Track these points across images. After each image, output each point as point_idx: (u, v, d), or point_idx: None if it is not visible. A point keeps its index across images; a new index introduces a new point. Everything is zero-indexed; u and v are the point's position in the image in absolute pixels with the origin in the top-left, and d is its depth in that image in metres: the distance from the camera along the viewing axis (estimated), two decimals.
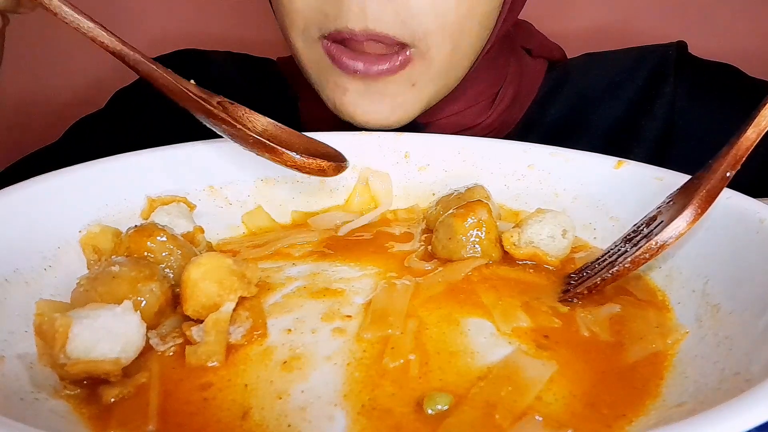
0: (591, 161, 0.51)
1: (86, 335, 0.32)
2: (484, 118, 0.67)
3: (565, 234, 0.44)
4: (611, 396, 0.33)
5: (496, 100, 0.68)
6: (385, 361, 0.35)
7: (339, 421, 0.31)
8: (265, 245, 0.47)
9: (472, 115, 0.67)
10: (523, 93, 0.71)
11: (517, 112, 0.70)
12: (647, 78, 0.70)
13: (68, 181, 0.44)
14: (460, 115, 0.66)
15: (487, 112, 0.67)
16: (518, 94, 0.70)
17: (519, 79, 0.70)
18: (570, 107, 0.71)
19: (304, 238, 0.48)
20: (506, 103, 0.69)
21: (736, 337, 0.35)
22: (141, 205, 0.47)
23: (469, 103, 0.66)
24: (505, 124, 0.70)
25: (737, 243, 0.40)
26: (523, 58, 0.73)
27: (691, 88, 0.68)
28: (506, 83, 0.69)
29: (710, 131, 0.66)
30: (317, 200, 0.54)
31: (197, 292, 0.36)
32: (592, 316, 0.39)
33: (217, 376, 0.34)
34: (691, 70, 0.69)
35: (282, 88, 0.76)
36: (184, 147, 0.51)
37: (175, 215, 0.45)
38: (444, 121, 0.66)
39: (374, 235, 0.49)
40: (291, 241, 0.48)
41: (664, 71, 0.69)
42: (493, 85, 0.68)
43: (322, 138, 0.48)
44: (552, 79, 0.73)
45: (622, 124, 0.69)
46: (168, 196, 0.48)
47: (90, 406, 0.32)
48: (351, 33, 0.50)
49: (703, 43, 0.74)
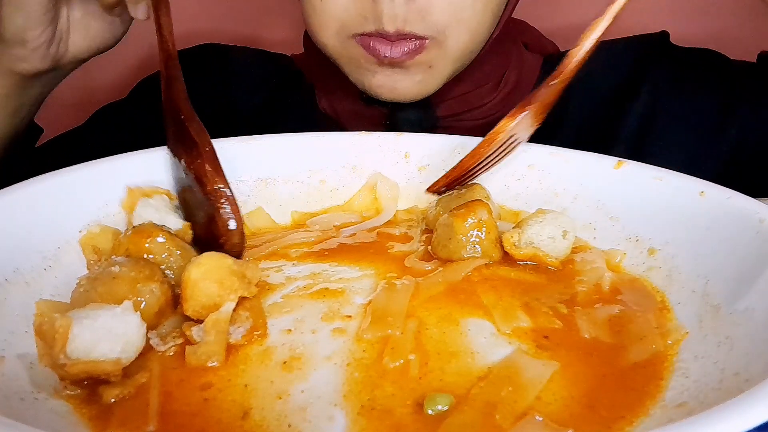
0: (591, 161, 0.51)
1: (86, 335, 0.32)
2: (489, 99, 0.73)
3: (566, 235, 0.44)
4: (610, 398, 0.33)
5: (501, 83, 0.73)
6: (385, 362, 0.34)
7: (339, 422, 0.31)
8: (265, 245, 0.47)
9: (480, 96, 0.73)
10: (523, 81, 0.75)
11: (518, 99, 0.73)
12: (632, 65, 0.74)
13: (68, 181, 0.44)
14: (469, 95, 0.72)
15: (492, 94, 0.73)
16: (519, 81, 0.75)
17: (520, 68, 0.75)
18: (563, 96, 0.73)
19: (304, 239, 0.48)
20: (510, 87, 0.74)
21: (737, 337, 0.35)
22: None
23: (476, 84, 0.72)
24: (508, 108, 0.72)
25: (737, 243, 0.40)
26: (522, 50, 0.78)
27: (673, 74, 0.73)
28: (510, 68, 0.74)
29: (692, 114, 0.70)
30: (317, 200, 0.54)
31: (197, 292, 0.36)
32: (591, 318, 0.39)
33: (217, 377, 0.34)
34: (673, 57, 0.74)
35: (298, 82, 0.80)
36: None
37: (163, 211, 0.44)
38: (454, 100, 0.72)
39: (374, 235, 0.49)
40: (291, 241, 0.48)
41: (647, 58, 0.75)
42: (498, 69, 0.73)
43: (326, 137, 0.48)
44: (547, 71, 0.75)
45: (609, 108, 0.74)
46: (150, 188, 0.47)
47: (90, 406, 0.32)
48: (386, 33, 0.59)
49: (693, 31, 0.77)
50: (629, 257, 0.45)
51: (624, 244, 0.46)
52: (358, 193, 0.54)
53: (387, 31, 0.59)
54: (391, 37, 0.60)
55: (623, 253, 0.46)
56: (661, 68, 0.73)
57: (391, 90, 0.65)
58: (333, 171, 0.54)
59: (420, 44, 0.61)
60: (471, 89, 0.72)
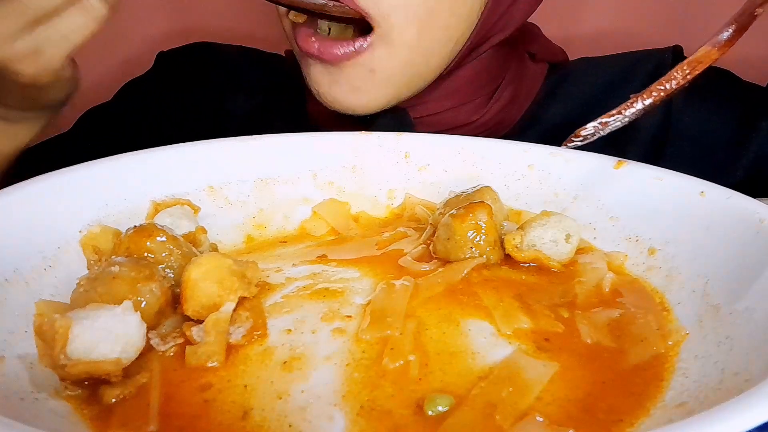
0: (591, 161, 0.51)
1: (86, 336, 0.32)
2: (479, 116, 0.68)
3: (569, 239, 0.43)
4: (611, 401, 0.33)
5: (493, 99, 0.69)
6: (385, 362, 0.34)
7: (338, 422, 0.31)
8: (265, 246, 0.47)
9: (467, 113, 0.68)
10: (522, 94, 0.72)
11: (515, 112, 0.72)
12: (644, 80, 0.71)
13: (68, 181, 0.44)
14: (453, 111, 0.67)
15: (481, 111, 0.68)
16: (517, 94, 0.71)
17: (519, 81, 0.71)
18: (569, 107, 0.73)
19: (304, 241, 0.48)
20: (503, 102, 0.70)
21: (737, 337, 0.35)
22: (141, 205, 0.47)
23: (462, 99, 0.67)
24: (502, 123, 0.71)
25: (737, 243, 0.40)
26: (526, 61, 0.74)
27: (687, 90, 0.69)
28: (504, 83, 0.70)
29: (705, 132, 0.68)
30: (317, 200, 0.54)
31: (197, 292, 0.36)
32: (592, 321, 0.38)
33: (217, 377, 0.34)
34: None
35: (290, 81, 0.77)
36: (184, 147, 0.51)
37: (177, 216, 0.45)
38: (436, 117, 0.67)
39: (374, 235, 0.49)
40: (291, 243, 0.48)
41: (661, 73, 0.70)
42: (488, 84, 0.69)
43: (326, 137, 0.47)
44: (552, 81, 0.75)
45: None
46: (172, 199, 0.47)
47: (91, 406, 0.32)
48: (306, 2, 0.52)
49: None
50: (629, 257, 0.45)
51: (624, 244, 0.46)
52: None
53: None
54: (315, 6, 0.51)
55: (625, 255, 0.46)
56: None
57: (326, 94, 0.58)
58: (333, 171, 0.54)
59: (363, 44, 0.55)
60: (456, 104, 0.67)
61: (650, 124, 0.69)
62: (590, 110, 0.71)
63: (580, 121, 0.72)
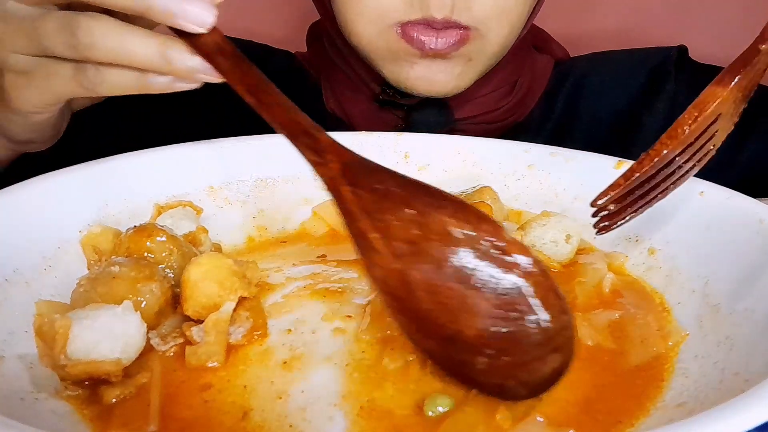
0: (591, 161, 0.51)
1: (86, 336, 0.32)
2: (505, 103, 0.73)
3: (569, 239, 0.43)
4: (611, 402, 0.33)
5: (516, 86, 0.73)
6: (385, 362, 0.34)
7: (338, 422, 0.31)
8: (265, 246, 0.47)
9: (496, 99, 0.73)
10: (535, 86, 0.75)
11: (530, 102, 0.75)
12: (649, 76, 0.73)
13: (68, 181, 0.44)
14: (487, 97, 0.72)
15: (507, 98, 0.73)
16: (531, 86, 0.75)
17: (532, 73, 0.75)
18: (574, 102, 0.75)
19: (304, 241, 0.48)
20: (523, 92, 0.74)
21: (736, 337, 0.35)
22: (142, 205, 0.47)
23: (494, 87, 0.72)
24: (520, 112, 0.75)
25: (737, 243, 0.40)
26: (534, 53, 0.77)
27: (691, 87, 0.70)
28: (524, 73, 0.74)
29: None
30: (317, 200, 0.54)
31: (197, 292, 0.36)
32: (593, 323, 0.38)
33: (217, 377, 0.34)
34: (691, 71, 0.73)
35: (302, 79, 0.79)
36: (183, 147, 0.51)
37: (178, 217, 0.45)
38: (473, 102, 0.71)
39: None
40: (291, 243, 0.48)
41: (665, 70, 0.73)
42: (513, 73, 0.73)
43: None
44: (557, 75, 0.77)
45: (624, 118, 0.73)
46: (175, 202, 0.47)
47: (91, 406, 0.32)
48: (433, 20, 0.59)
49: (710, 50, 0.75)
50: (629, 258, 0.45)
51: (624, 244, 0.46)
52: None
53: (434, 18, 0.58)
54: (437, 24, 0.59)
55: (625, 256, 0.45)
56: (677, 82, 0.72)
57: (429, 82, 0.64)
58: None
59: (465, 35, 0.60)
60: (491, 91, 0.72)
61: (654, 121, 0.70)
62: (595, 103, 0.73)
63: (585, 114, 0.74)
